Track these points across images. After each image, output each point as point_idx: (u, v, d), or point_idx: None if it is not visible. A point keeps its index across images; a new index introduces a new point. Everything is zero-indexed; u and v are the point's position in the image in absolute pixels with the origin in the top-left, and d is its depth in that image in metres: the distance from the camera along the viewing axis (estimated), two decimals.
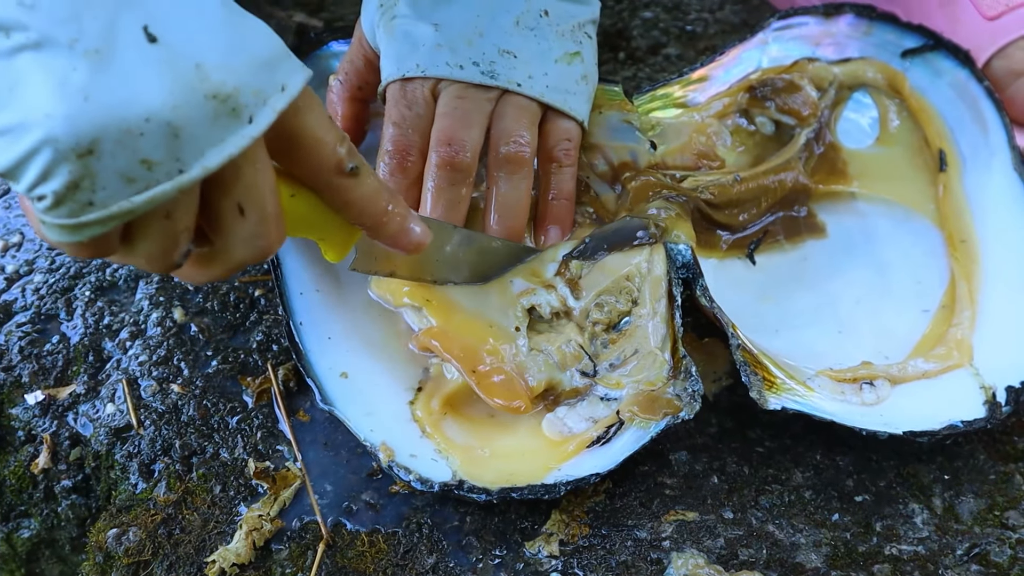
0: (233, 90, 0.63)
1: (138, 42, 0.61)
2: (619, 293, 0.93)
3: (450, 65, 0.94)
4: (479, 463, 0.89)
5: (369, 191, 0.76)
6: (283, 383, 0.97)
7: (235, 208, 0.68)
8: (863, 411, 0.91)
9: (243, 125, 0.64)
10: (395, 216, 0.78)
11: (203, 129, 0.62)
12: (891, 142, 1.10)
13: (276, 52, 0.67)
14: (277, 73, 0.66)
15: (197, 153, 0.63)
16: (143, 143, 0.61)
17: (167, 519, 0.90)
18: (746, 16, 1.42)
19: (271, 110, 0.65)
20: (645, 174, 1.01)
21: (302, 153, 0.72)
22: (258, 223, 0.69)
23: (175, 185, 0.63)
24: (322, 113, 0.72)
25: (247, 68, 0.64)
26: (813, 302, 1.03)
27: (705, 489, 0.91)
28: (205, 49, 0.63)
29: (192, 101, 0.62)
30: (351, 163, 0.73)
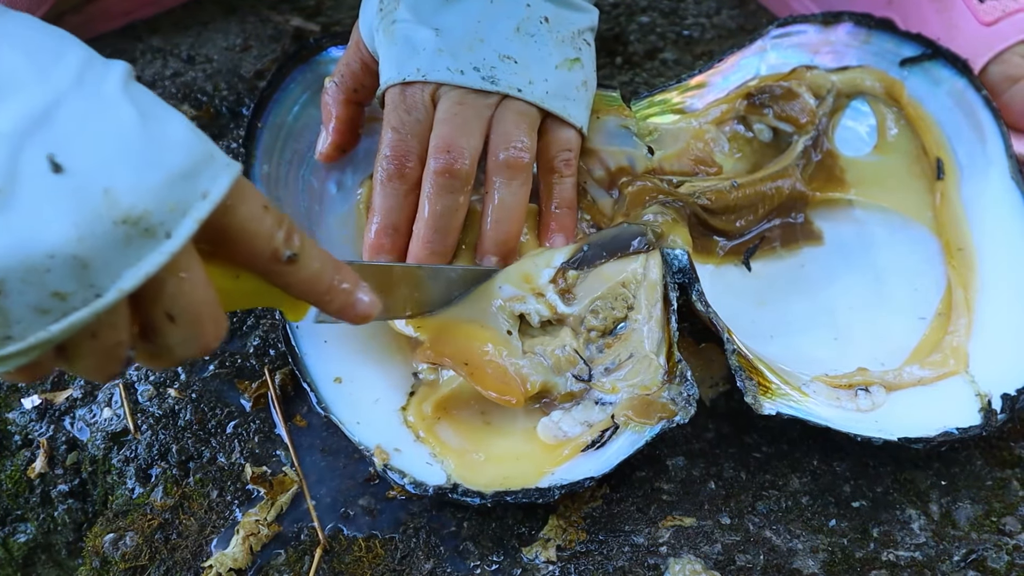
0: (145, 212, 0.61)
1: (42, 173, 0.59)
2: (615, 299, 0.93)
3: (451, 70, 0.94)
4: (473, 467, 0.89)
5: (309, 274, 0.74)
6: (280, 388, 0.97)
7: (164, 316, 0.67)
8: (858, 417, 0.92)
9: (160, 242, 0.62)
10: (339, 293, 0.77)
11: (115, 254, 0.61)
12: (889, 150, 1.11)
13: (197, 157, 0.64)
14: (198, 181, 0.64)
15: (112, 276, 0.61)
16: (50, 278, 0.59)
17: (164, 524, 0.90)
18: (743, 21, 1.42)
19: (192, 221, 0.64)
20: (642, 179, 1.01)
21: (236, 246, 0.70)
22: (189, 328, 0.68)
23: (91, 311, 0.61)
24: (255, 204, 0.70)
25: (162, 184, 0.62)
26: (809, 309, 1.03)
27: (702, 495, 0.91)
28: (116, 171, 0.61)
29: (99, 230, 0.60)
30: (288, 251, 0.71)
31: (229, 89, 1.27)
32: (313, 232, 1.03)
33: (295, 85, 1.10)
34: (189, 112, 1.23)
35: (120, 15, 1.36)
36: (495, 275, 0.94)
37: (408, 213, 0.96)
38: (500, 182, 0.95)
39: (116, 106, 0.63)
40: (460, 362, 0.91)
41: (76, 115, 0.61)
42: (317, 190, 1.07)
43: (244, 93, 1.27)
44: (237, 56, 1.33)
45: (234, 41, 1.36)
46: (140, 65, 1.31)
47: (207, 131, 1.16)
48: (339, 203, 1.07)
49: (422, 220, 0.95)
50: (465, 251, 0.99)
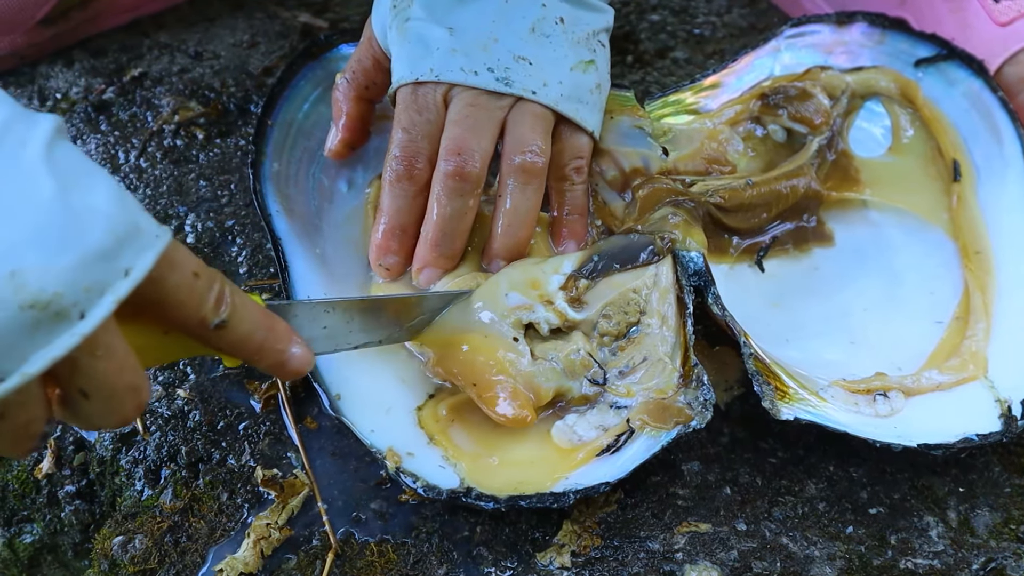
0: (55, 294, 0.58)
1: None
2: (627, 304, 0.92)
3: (464, 71, 0.93)
4: (487, 471, 0.88)
5: (238, 337, 0.72)
6: (290, 389, 0.96)
7: (78, 392, 0.64)
8: (877, 423, 0.91)
9: (72, 324, 0.59)
10: (269, 353, 0.74)
11: (20, 339, 0.57)
12: (904, 151, 1.10)
13: (121, 231, 0.61)
14: (120, 258, 0.61)
15: (17, 360, 0.58)
16: None
17: (173, 527, 0.89)
18: (754, 20, 1.41)
19: (109, 301, 0.60)
20: (655, 180, 1.00)
21: (160, 314, 0.67)
22: (104, 402, 0.65)
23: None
24: (185, 272, 0.67)
25: (78, 264, 0.59)
26: (824, 311, 1.02)
27: (718, 500, 0.90)
28: (26, 252, 0.57)
29: (3, 316, 0.56)
30: (216, 319, 0.69)
31: (237, 86, 1.26)
32: (322, 228, 1.02)
33: (305, 82, 1.09)
34: (197, 109, 1.22)
35: (126, 10, 1.35)
36: (500, 284, 0.92)
37: (416, 215, 0.95)
38: (514, 186, 0.94)
39: (32, 176, 0.59)
40: (468, 382, 0.90)
41: None
42: (327, 188, 1.06)
43: (252, 90, 1.26)
44: (245, 52, 1.32)
45: (241, 37, 1.35)
46: (147, 61, 1.30)
47: (215, 128, 1.19)
48: (349, 202, 1.06)
49: (430, 222, 0.94)
50: (472, 253, 0.98)
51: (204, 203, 1.12)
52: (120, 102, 1.24)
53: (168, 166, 1.16)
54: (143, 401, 0.68)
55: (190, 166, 1.16)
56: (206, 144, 1.19)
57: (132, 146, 1.18)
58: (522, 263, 0.94)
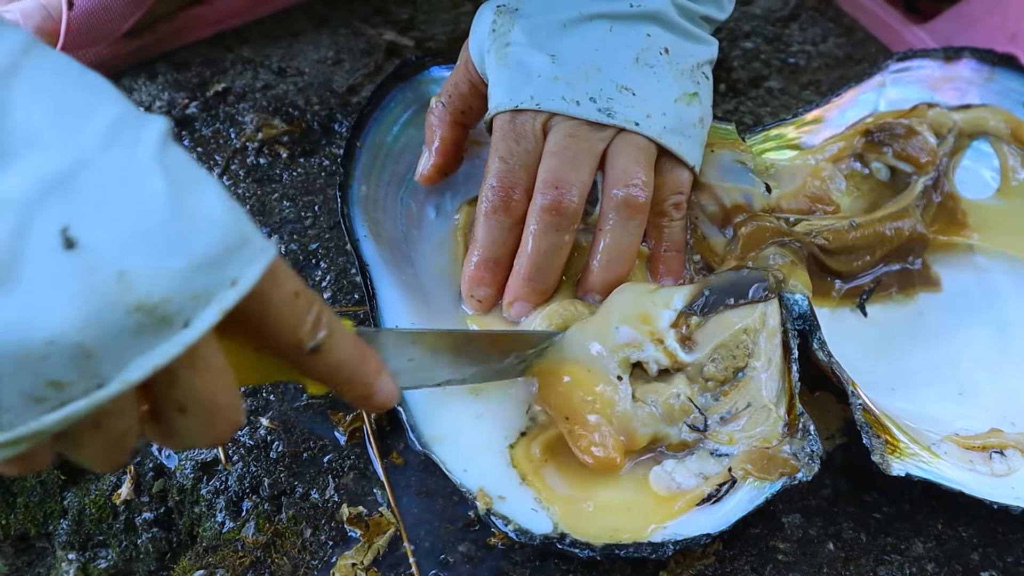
0: (162, 299, 0.54)
1: (51, 249, 0.52)
2: (736, 347, 0.88)
3: (566, 100, 0.90)
4: (582, 516, 0.84)
5: (329, 365, 0.68)
6: (376, 422, 0.93)
7: (175, 407, 0.61)
8: (993, 482, 0.86)
9: (176, 332, 0.56)
10: (358, 385, 0.71)
11: (123, 344, 0.54)
12: (1014, 195, 1.06)
13: (230, 239, 0.57)
14: (228, 267, 0.57)
15: (118, 366, 0.55)
16: (47, 366, 0.53)
17: (256, 562, 0.86)
18: (850, 50, 1.38)
19: (216, 310, 0.57)
20: (758, 218, 0.97)
21: (256, 332, 0.64)
22: (201, 420, 0.62)
23: (91, 403, 0.55)
24: (287, 291, 0.63)
25: (186, 270, 0.55)
26: (930, 360, 0.98)
27: (820, 556, 0.86)
28: (135, 253, 0.54)
29: (108, 319, 0.53)
30: (311, 343, 0.65)
31: (321, 104, 1.24)
32: (409, 255, 1.00)
33: (395, 104, 1.07)
34: (281, 127, 1.20)
35: (211, 24, 1.34)
36: (612, 314, 0.89)
37: (511, 247, 0.93)
38: (615, 221, 0.91)
39: (145, 176, 0.56)
40: (562, 416, 0.87)
41: (99, 183, 0.54)
42: (415, 214, 1.04)
43: (336, 108, 1.24)
44: (329, 69, 1.30)
45: (325, 54, 1.33)
46: (231, 76, 1.28)
47: (299, 147, 1.16)
48: (437, 228, 1.03)
49: (524, 256, 0.91)
50: (565, 283, 0.96)
51: (287, 224, 1.10)
52: (203, 117, 1.22)
53: (251, 185, 1.14)
54: (239, 422, 0.65)
55: (273, 185, 1.14)
56: (289, 163, 1.17)
57: (215, 163, 1.16)
58: (633, 289, 0.91)
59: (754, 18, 1.41)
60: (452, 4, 1.43)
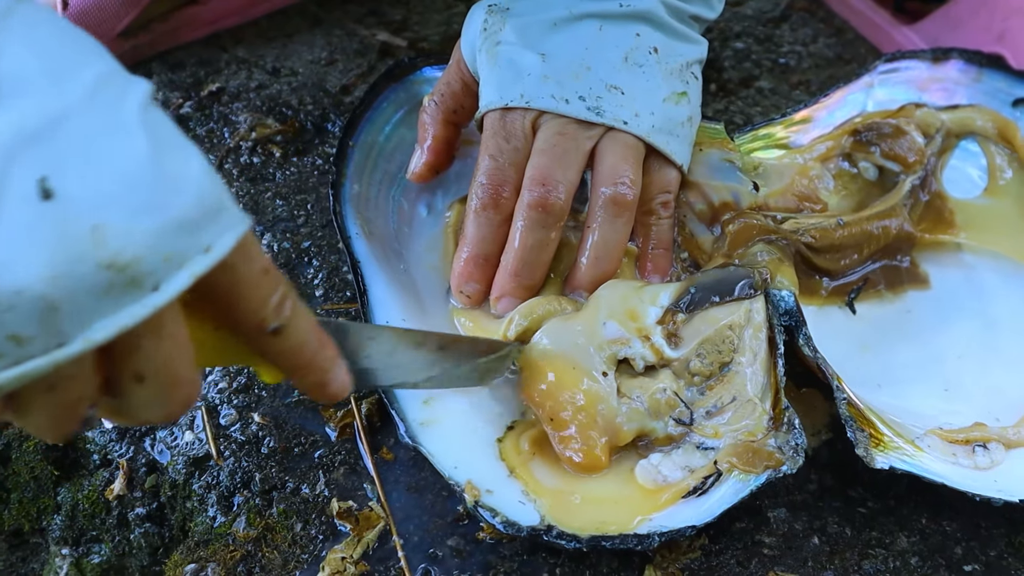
0: (133, 258, 0.53)
1: (28, 198, 0.51)
2: (722, 342, 0.89)
3: (555, 98, 0.91)
4: (569, 509, 0.85)
5: (289, 347, 0.67)
6: (366, 418, 0.94)
7: (132, 376, 0.59)
8: (976, 475, 0.87)
9: (145, 294, 0.54)
10: (314, 371, 0.70)
11: (90, 301, 0.53)
12: (1001, 194, 1.07)
13: (208, 204, 0.57)
14: (203, 233, 0.56)
15: (81, 325, 0.53)
16: (10, 318, 0.51)
17: (247, 556, 0.87)
18: (840, 50, 1.38)
19: (187, 275, 0.56)
20: (746, 216, 0.98)
21: (221, 307, 0.63)
22: (157, 391, 0.60)
23: (50, 361, 0.53)
24: (256, 266, 0.62)
25: (162, 230, 0.54)
26: (917, 356, 0.99)
27: (806, 550, 0.87)
28: (111, 208, 0.53)
29: (78, 272, 0.52)
30: (274, 323, 0.64)
31: (314, 103, 1.25)
32: (401, 252, 1.01)
33: (388, 104, 1.08)
34: (274, 126, 1.21)
35: (206, 24, 1.34)
36: (600, 310, 0.90)
37: (500, 244, 0.93)
38: (603, 218, 0.92)
39: (128, 132, 0.55)
40: (547, 416, 0.88)
41: (82, 135, 0.53)
42: (407, 212, 1.04)
43: (330, 108, 1.24)
44: (323, 70, 1.31)
45: (319, 54, 1.33)
46: (225, 76, 1.29)
47: (292, 146, 1.17)
48: (429, 226, 1.04)
49: (511, 252, 0.92)
50: (553, 280, 0.96)
51: (280, 223, 1.11)
52: (198, 117, 1.23)
53: (245, 184, 1.15)
54: (194, 398, 0.63)
55: (266, 184, 1.15)
56: (283, 162, 1.18)
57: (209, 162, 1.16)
58: (620, 286, 0.92)
59: (745, 19, 1.42)
60: (445, 5, 1.43)
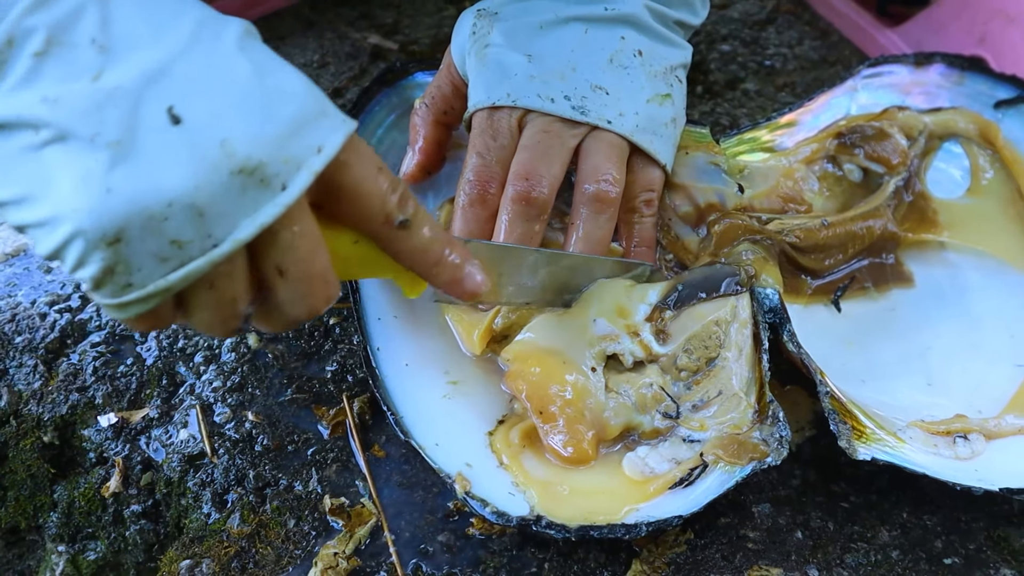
0: (260, 162, 0.63)
1: (161, 126, 0.61)
2: (708, 338, 0.91)
3: (541, 97, 0.93)
4: (558, 499, 0.87)
5: (420, 243, 0.75)
6: (358, 416, 0.96)
7: (275, 270, 0.68)
8: (956, 465, 0.89)
9: (275, 193, 0.64)
10: (448, 267, 0.77)
11: (231, 204, 0.63)
12: (983, 193, 1.08)
13: (311, 111, 0.65)
14: (313, 134, 0.65)
15: (229, 226, 0.63)
16: (169, 226, 0.61)
17: (241, 552, 0.89)
18: (825, 53, 1.40)
19: (307, 173, 0.65)
20: (731, 216, 1.00)
21: (348, 206, 0.70)
22: (299, 284, 0.69)
23: (208, 260, 0.63)
24: (370, 164, 0.70)
25: (278, 136, 0.63)
26: (900, 352, 1.00)
27: (789, 544, 0.89)
28: (232, 123, 0.63)
29: (216, 180, 0.62)
30: (400, 216, 0.72)
31: None
32: None
33: (380, 108, 1.09)
34: None
35: None
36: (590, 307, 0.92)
37: (487, 239, 0.95)
38: (587, 215, 0.94)
39: (230, 61, 0.64)
40: (536, 409, 0.89)
41: (192, 70, 0.63)
42: None
43: None
44: (315, 72, 1.32)
45: (312, 57, 1.35)
46: None
47: None
48: None
49: None
50: None
51: None
52: None
53: None
54: (334, 294, 0.72)
55: None
56: None
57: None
58: (611, 284, 0.94)
59: (731, 22, 1.43)
60: (435, 8, 1.45)
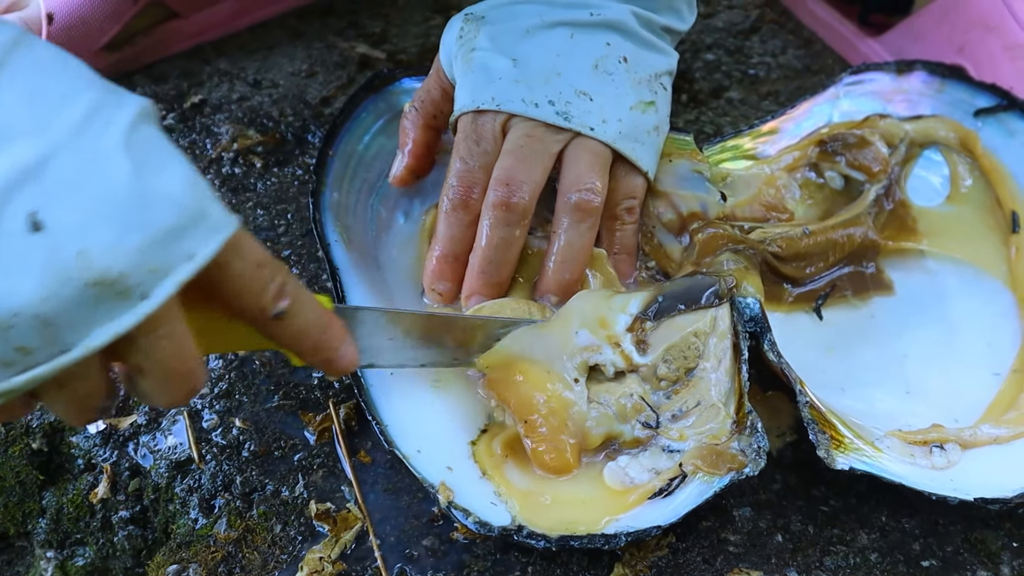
0: (120, 274, 0.59)
1: (20, 232, 0.58)
2: (687, 348, 0.92)
3: (525, 102, 0.94)
4: (539, 509, 0.88)
5: (296, 330, 0.73)
6: (344, 422, 0.97)
7: (135, 369, 0.66)
8: (933, 475, 0.90)
9: (134, 303, 0.61)
10: (322, 351, 0.76)
11: (83, 314, 0.60)
12: (962, 201, 1.10)
13: (188, 215, 0.62)
14: (185, 241, 0.62)
15: (80, 334, 0.60)
16: (13, 334, 0.59)
17: (227, 557, 0.90)
18: (809, 61, 1.41)
19: (172, 283, 0.61)
20: (714, 225, 1.01)
21: (224, 299, 0.68)
22: (158, 383, 0.67)
23: (54, 366, 0.61)
24: (249, 261, 0.68)
25: (143, 245, 0.60)
26: (880, 360, 1.01)
27: (769, 547, 0.90)
28: (95, 232, 0.59)
29: (67, 292, 0.58)
30: (276, 309, 0.70)
31: (295, 115, 1.28)
32: (379, 259, 1.03)
33: (367, 114, 1.10)
34: (255, 137, 1.23)
35: (189, 36, 1.37)
36: (572, 319, 0.93)
37: (469, 243, 0.97)
38: (569, 223, 0.95)
39: (111, 159, 0.61)
40: (520, 418, 0.91)
41: (66, 170, 0.59)
42: (385, 219, 1.07)
43: (310, 119, 1.27)
44: (303, 82, 1.33)
45: (300, 66, 1.36)
46: (208, 88, 1.31)
47: (272, 157, 1.20)
48: (406, 233, 1.06)
49: (478, 251, 0.96)
50: (523, 284, 0.99)
51: (261, 232, 1.13)
52: (180, 128, 1.25)
53: (226, 194, 1.17)
54: (196, 388, 0.69)
55: (248, 194, 1.17)
56: (264, 173, 1.20)
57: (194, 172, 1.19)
58: (592, 296, 0.95)
59: (716, 31, 1.45)
60: (423, 18, 1.46)
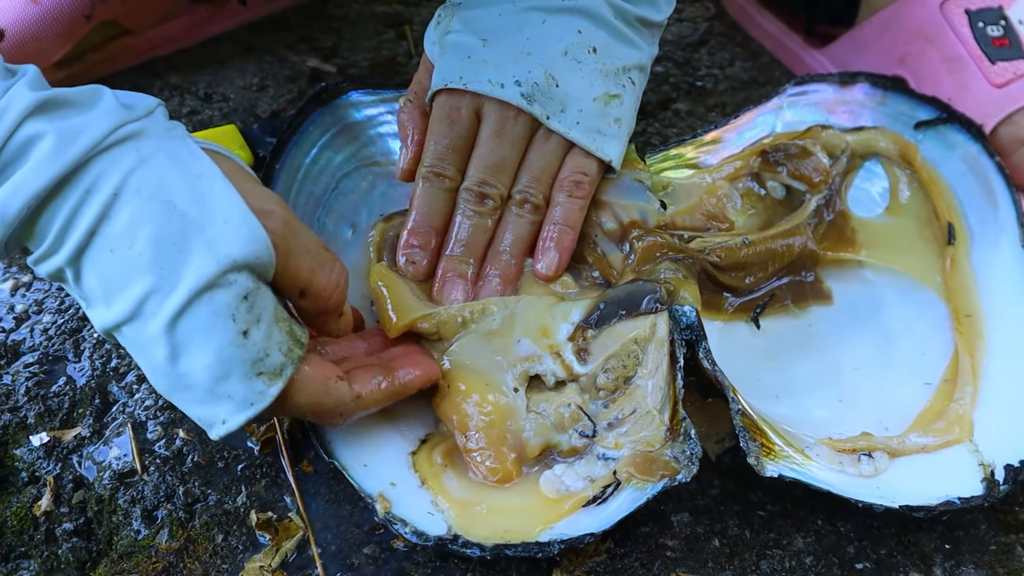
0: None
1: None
2: (627, 357, 0.93)
3: (492, 83, 0.96)
4: (474, 518, 0.89)
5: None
6: (288, 432, 0.97)
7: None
8: (860, 483, 0.91)
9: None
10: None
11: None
12: (901, 213, 1.11)
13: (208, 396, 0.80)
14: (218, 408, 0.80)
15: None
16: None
17: (168, 567, 0.90)
18: (756, 73, 1.43)
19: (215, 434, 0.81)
20: (653, 234, 1.01)
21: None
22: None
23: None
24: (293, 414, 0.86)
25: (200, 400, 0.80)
26: (815, 369, 1.03)
27: (706, 552, 0.91)
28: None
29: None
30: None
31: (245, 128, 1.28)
32: None
33: (314, 127, 1.10)
34: None
35: (141, 52, 1.38)
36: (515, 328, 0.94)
37: (443, 215, 0.99)
38: (513, 213, 0.99)
39: (153, 343, 0.76)
40: (460, 430, 0.92)
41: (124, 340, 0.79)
42: (331, 232, 1.07)
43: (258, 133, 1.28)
44: (254, 95, 1.34)
45: (251, 80, 1.37)
46: None
47: None
48: (353, 245, 1.07)
49: (451, 237, 0.99)
50: None
51: None
52: None
53: None
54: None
55: None
56: None
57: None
58: (535, 303, 0.96)
59: (665, 43, 1.46)
60: (375, 32, 1.47)
